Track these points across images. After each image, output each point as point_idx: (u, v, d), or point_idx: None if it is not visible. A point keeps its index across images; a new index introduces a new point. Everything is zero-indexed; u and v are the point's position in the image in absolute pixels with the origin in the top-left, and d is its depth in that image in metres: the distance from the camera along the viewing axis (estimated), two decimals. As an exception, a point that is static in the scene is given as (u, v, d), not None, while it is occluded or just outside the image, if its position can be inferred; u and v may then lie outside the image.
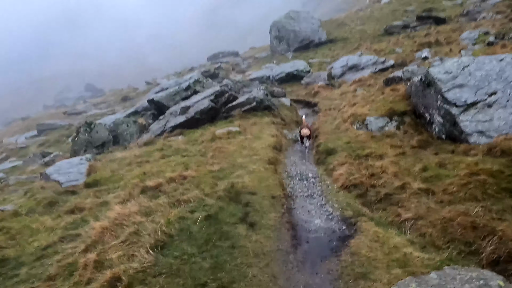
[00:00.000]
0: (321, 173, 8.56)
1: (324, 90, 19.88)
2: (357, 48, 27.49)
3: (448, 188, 6.08)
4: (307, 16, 34.70)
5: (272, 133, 11.28)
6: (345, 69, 21.84)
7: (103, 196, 7.95)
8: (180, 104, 14.08)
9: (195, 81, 15.55)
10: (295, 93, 21.84)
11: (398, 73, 16.11)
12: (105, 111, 26.96)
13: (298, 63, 24.53)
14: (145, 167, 9.28)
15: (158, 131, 12.83)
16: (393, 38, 28.82)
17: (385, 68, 20.23)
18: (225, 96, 14.03)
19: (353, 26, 37.33)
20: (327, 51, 29.81)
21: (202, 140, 10.90)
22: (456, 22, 30.02)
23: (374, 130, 10.26)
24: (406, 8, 39.69)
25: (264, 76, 24.79)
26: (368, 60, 21.43)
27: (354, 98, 15.48)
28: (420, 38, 26.32)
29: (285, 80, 23.66)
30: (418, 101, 10.50)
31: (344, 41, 31.85)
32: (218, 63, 34.53)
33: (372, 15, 41.28)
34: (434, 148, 8.35)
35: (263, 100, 13.70)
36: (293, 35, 32.27)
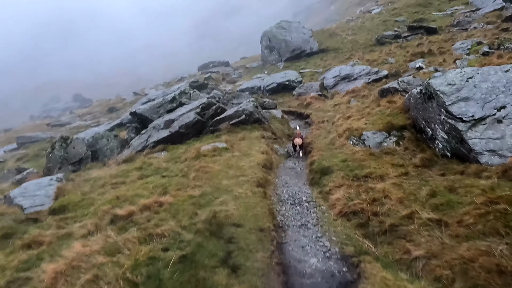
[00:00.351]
0: (315, 195, 7.67)
1: (316, 101, 19.16)
2: (349, 58, 26.97)
3: (464, 219, 5.23)
4: (298, 26, 34.26)
5: (262, 149, 10.38)
6: (338, 79, 21.19)
7: (67, 225, 6.93)
8: (164, 117, 13.14)
9: (181, 92, 14.66)
10: (287, 104, 21.10)
11: (393, 83, 15.41)
12: (90, 122, 25.84)
13: (290, 73, 23.86)
14: (120, 189, 8.27)
15: (139, 147, 11.85)
16: (385, 48, 28.45)
17: (378, 79, 19.62)
18: (213, 109, 13.15)
19: (345, 36, 37.02)
20: (319, 61, 29.26)
21: (186, 157, 9.94)
22: (448, 32, 29.80)
23: (372, 146, 9.44)
24: (397, 19, 39.66)
25: (255, 86, 24.04)
26: (361, 70, 20.82)
27: (348, 110, 14.75)
28: (412, 48, 25.95)
29: (276, 90, 22.92)
30: (418, 114, 9.74)
31: (336, 51, 31.39)
32: (208, 73, 33.79)
33: (363, 26, 41.16)
34: (440, 167, 7.53)
35: (252, 112, 12.85)
36: (284, 45, 31.72)
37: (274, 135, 12.98)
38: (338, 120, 12.88)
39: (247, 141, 11.17)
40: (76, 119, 30.26)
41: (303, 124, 17.97)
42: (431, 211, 5.70)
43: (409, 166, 7.86)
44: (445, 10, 38.88)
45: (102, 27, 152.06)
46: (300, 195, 7.77)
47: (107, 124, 20.86)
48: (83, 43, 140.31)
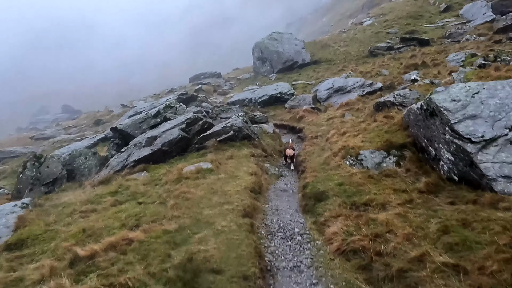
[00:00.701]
0: (309, 226, 6.78)
1: (309, 114, 18.40)
2: (342, 70, 26.43)
3: (486, 266, 4.37)
4: (291, 37, 33.81)
5: (251, 169, 9.49)
6: (331, 91, 20.51)
7: (21, 267, 5.91)
8: (147, 133, 12.20)
9: (165, 106, 13.76)
10: (279, 117, 20.32)
11: (389, 97, 14.73)
12: (75, 136, 24.74)
13: (282, 85, 23.16)
14: (89, 219, 7.29)
15: (118, 166, 10.87)
16: (378, 59, 28.00)
17: (373, 91, 18.98)
18: (199, 124, 12.26)
19: (337, 48, 36.66)
20: (312, 73, 28.68)
21: (166, 180, 9.00)
22: (440, 44, 29.55)
23: (371, 168, 8.62)
24: (388, 30, 39.52)
25: (246, 98, 23.26)
26: (354, 82, 20.19)
27: (343, 125, 13.98)
28: (406, 60, 25.51)
29: (268, 103, 22.17)
30: (419, 132, 8.97)
31: (329, 62, 30.90)
32: (199, 84, 33.01)
33: (355, 37, 40.93)
34: (448, 194, 6.71)
35: (241, 128, 11.99)
36: (277, 56, 31.15)
37: (264, 152, 12.11)
38: (332, 136, 12.07)
39: (235, 160, 10.28)
40: (61, 132, 29.11)
41: (295, 139, 17.14)
42: (444, 252, 4.84)
43: (413, 192, 7.03)
44: (436, 22, 38.87)
45: (94, 37, 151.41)
46: (292, 226, 6.88)
47: (91, 138, 19.81)
48: (75, 54, 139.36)
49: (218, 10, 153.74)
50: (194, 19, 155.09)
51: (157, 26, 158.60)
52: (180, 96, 21.16)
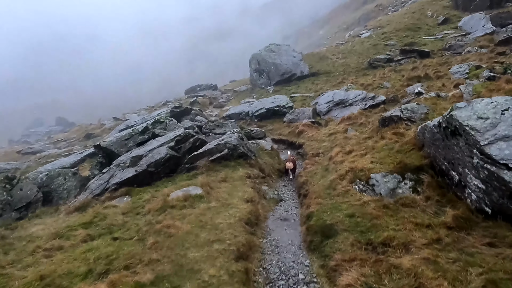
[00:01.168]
0: (317, 271, 5.57)
1: (309, 129, 17.32)
2: (342, 82, 25.53)
3: None
4: (288, 49, 33.04)
5: (247, 194, 8.32)
6: (331, 105, 19.50)
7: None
8: (132, 151, 11.02)
9: (155, 121, 12.61)
10: (277, 131, 19.23)
11: (395, 111, 13.68)
12: (63, 150, 23.49)
13: (280, 98, 22.15)
14: (52, 261, 6.05)
15: (98, 190, 9.66)
16: (378, 71, 27.17)
17: (376, 104, 17.98)
18: (190, 142, 11.11)
19: (335, 60, 35.92)
20: (310, 85, 27.76)
21: (149, 208, 7.79)
22: (441, 56, 28.83)
23: (385, 195, 7.47)
24: (387, 43, 38.95)
25: (243, 112, 22.20)
26: (356, 95, 19.21)
27: (346, 142, 12.89)
28: (407, 72, 24.67)
29: (265, 116, 21.10)
30: (437, 153, 7.87)
31: (327, 74, 30.03)
32: (196, 96, 32.00)
33: (353, 49, 40.32)
34: (483, 232, 5.55)
35: (236, 146, 10.84)
36: (274, 68, 30.28)
37: (262, 173, 10.95)
38: (336, 155, 10.94)
39: (228, 183, 9.10)
40: (50, 146, 27.83)
41: (295, 155, 16.04)
42: (500, 322, 3.66)
43: (440, 228, 5.87)
44: (435, 34, 38.40)
45: (92, 49, 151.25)
46: (295, 270, 5.68)
47: (79, 154, 18.57)
48: (73, 64, 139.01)
49: (216, 22, 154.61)
50: (192, 31, 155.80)
51: (156, 38, 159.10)
52: (173, 110, 20.06)
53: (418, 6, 51.30)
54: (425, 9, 48.16)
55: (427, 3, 51.48)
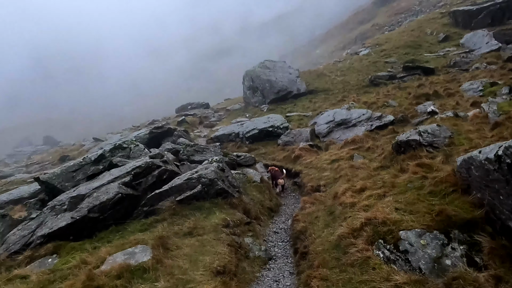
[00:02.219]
0: None
1: (307, 153, 14.74)
2: (342, 100, 23.18)
3: None
4: (284, 65, 30.90)
5: (219, 261, 5.62)
6: (332, 125, 17.01)
7: None
8: (78, 187, 8.38)
9: (114, 147, 9.99)
10: (270, 156, 16.62)
11: (411, 134, 11.13)
12: (33, 175, 20.71)
13: (274, 118, 19.67)
14: None
15: (18, 244, 6.92)
16: (381, 89, 24.92)
17: (383, 125, 15.52)
18: (154, 175, 8.47)
19: (334, 77, 33.81)
20: (308, 103, 25.39)
21: (70, 285, 5.06)
22: (447, 73, 26.69)
23: (427, 270, 4.79)
24: (387, 60, 37.11)
25: (233, 132, 19.66)
26: (360, 114, 16.77)
27: (354, 172, 10.29)
28: (413, 89, 22.41)
29: (257, 138, 18.55)
30: (496, 200, 5.26)
31: (326, 92, 27.76)
32: (186, 115, 29.52)
33: (351, 67, 38.44)
34: None
35: (213, 181, 8.19)
36: (269, 86, 27.98)
37: (246, 216, 8.26)
38: (344, 193, 8.30)
39: (195, 239, 6.40)
40: (22, 169, 25.09)
41: (291, 185, 13.40)
42: None
43: None
44: (436, 51, 36.67)
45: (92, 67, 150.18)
46: None
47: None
48: (71, 83, 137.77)
49: (215, 41, 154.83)
50: (192, 50, 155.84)
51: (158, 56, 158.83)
52: (153, 131, 17.51)
53: (417, 24, 50.10)
54: (424, 27, 46.91)
55: (426, 21, 50.38)
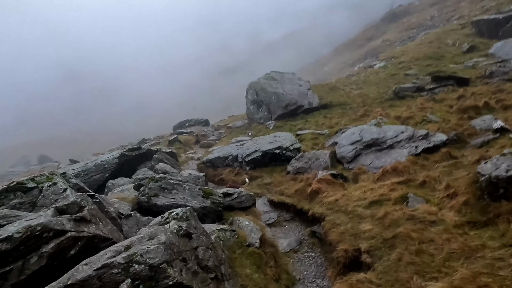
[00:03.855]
0: None
1: (330, 187, 10.26)
2: (365, 115, 18.82)
3: None
4: (293, 77, 26.81)
5: None
6: (360, 147, 12.58)
7: None
8: None
9: (7, 188, 5.79)
10: (278, 187, 12.17)
11: (504, 166, 6.67)
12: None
13: (282, 136, 15.35)
14: None
15: None
16: (410, 102, 20.53)
17: (433, 147, 11.06)
18: (44, 253, 4.17)
19: (349, 90, 29.63)
20: (322, 119, 21.05)
21: None
22: (486, 84, 22.25)
23: None
24: (407, 72, 32.94)
25: (230, 155, 15.35)
26: (397, 133, 12.34)
27: (424, 234, 5.79)
28: (453, 102, 18.01)
29: (261, 163, 14.19)
30: None
31: (343, 106, 23.46)
32: (175, 135, 25.39)
33: (367, 80, 34.33)
34: None
35: (159, 270, 3.85)
36: (276, 99, 23.79)
37: None
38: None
39: None
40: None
41: (307, 237, 8.91)
42: None
43: None
44: (463, 62, 32.43)
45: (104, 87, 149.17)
46: None
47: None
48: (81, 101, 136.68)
49: (224, 60, 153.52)
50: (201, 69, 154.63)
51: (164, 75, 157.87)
52: (125, 154, 13.33)
53: (434, 37, 46.18)
54: (443, 39, 42.97)
55: (444, 33, 46.49)
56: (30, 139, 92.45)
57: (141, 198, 7.39)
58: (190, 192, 7.41)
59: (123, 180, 11.84)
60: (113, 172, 12.91)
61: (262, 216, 10.36)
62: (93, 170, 12.94)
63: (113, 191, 10.49)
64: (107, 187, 11.37)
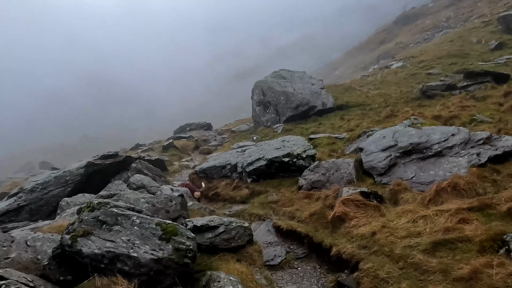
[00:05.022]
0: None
1: (360, 211, 7.16)
2: (393, 116, 15.63)
3: None
4: (304, 75, 23.77)
5: None
6: (395, 153, 9.43)
7: None
8: None
9: None
10: (286, 208, 9.09)
11: None
12: None
13: (292, 141, 12.30)
14: None
15: None
16: (443, 101, 17.25)
17: (501, 156, 7.87)
18: None
19: (366, 91, 26.47)
20: (339, 121, 17.92)
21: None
22: (531, 80, 18.87)
23: None
24: (429, 71, 29.66)
25: (228, 164, 12.37)
26: (445, 135, 9.18)
27: None
28: (499, 99, 14.75)
29: (266, 173, 11.17)
30: None
31: (362, 107, 20.30)
32: (170, 140, 22.54)
33: (385, 80, 31.18)
34: None
35: None
36: (285, 99, 20.78)
37: None
38: None
39: None
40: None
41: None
42: None
43: None
44: (492, 60, 28.94)
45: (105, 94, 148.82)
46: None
47: None
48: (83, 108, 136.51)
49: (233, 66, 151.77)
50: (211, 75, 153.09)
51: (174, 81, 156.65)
52: (96, 162, 10.49)
53: (456, 35, 42.74)
54: (466, 37, 39.51)
55: (466, 31, 42.96)
56: (39, 145, 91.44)
57: (64, 238, 4.46)
58: (140, 230, 4.46)
59: (84, 198, 8.97)
60: (78, 186, 10.08)
61: (264, 250, 7.34)
62: (53, 183, 10.15)
63: (62, 214, 7.62)
64: (60, 207, 8.54)
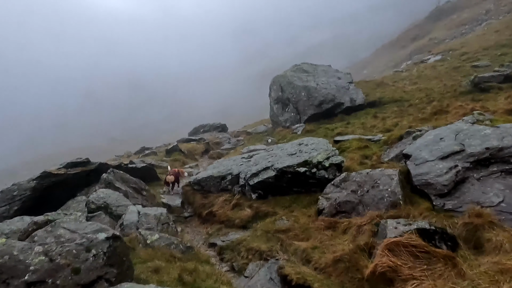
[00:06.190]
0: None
1: (417, 268, 4.19)
2: (443, 111, 12.25)
3: None
4: (329, 69, 20.63)
5: None
6: (463, 163, 6.28)
7: None
8: None
9: None
10: (299, 241, 6.18)
11: None
12: None
13: (312, 144, 9.36)
14: None
15: None
16: (503, 94, 13.66)
17: None
18: None
19: (401, 86, 22.89)
20: (371, 120, 14.72)
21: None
22: None
23: None
24: (475, 63, 25.59)
25: (229, 174, 9.63)
26: (543, 136, 5.91)
27: None
28: None
29: (275, 187, 8.33)
30: None
31: (399, 103, 16.90)
32: (175, 143, 20.07)
33: (422, 74, 27.42)
34: None
35: None
36: (306, 95, 17.77)
37: None
38: None
39: None
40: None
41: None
42: None
43: None
44: (554, 48, 24.38)
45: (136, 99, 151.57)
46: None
47: None
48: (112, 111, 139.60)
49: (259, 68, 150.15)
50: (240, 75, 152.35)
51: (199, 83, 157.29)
52: (55, 173, 8.12)
53: (503, 25, 37.86)
54: (515, 25, 34.62)
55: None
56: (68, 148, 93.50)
57: None
58: None
59: (21, 222, 6.56)
60: (27, 203, 7.75)
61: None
62: (-2, 199, 7.87)
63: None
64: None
